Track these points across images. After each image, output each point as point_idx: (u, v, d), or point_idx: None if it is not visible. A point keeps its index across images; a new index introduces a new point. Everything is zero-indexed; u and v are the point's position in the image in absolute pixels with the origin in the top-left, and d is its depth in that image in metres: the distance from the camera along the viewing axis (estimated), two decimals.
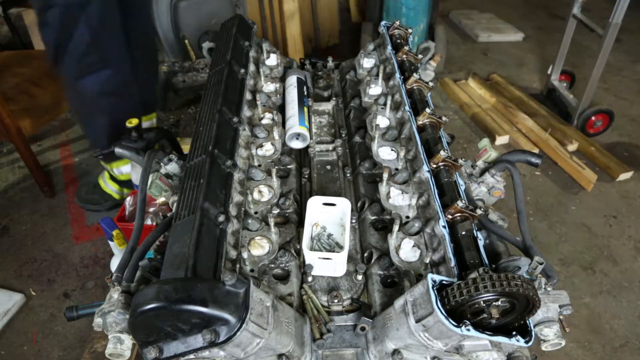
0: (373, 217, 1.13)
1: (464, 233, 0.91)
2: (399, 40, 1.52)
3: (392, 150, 1.25)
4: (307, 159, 1.34)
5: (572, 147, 2.82)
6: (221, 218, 0.93)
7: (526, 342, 0.78)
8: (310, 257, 1.02)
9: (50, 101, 2.50)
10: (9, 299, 2.06)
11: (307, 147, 1.34)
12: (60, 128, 3.22)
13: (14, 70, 2.61)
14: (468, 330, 0.73)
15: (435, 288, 0.77)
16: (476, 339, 0.80)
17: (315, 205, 1.10)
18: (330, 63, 1.74)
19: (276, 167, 1.17)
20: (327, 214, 1.12)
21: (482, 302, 0.74)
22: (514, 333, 0.77)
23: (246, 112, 1.31)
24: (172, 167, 1.19)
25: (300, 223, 1.16)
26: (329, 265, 1.02)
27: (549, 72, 3.22)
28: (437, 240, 0.97)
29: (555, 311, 0.89)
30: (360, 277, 1.01)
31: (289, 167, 1.28)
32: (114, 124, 1.98)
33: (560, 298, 0.88)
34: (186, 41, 2.91)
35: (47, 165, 2.88)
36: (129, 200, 2.09)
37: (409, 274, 0.97)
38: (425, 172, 1.05)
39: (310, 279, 1.01)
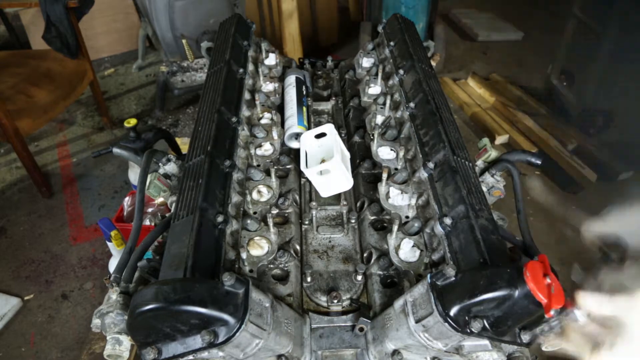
0: (372, 217, 1.13)
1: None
2: None
3: (391, 150, 1.25)
4: None
5: (572, 146, 2.83)
6: (220, 218, 0.93)
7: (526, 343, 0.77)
8: (310, 174, 1.09)
9: (47, 101, 2.50)
10: (5, 303, 2.05)
11: None
12: (58, 128, 3.22)
13: (12, 70, 2.60)
14: (468, 330, 0.73)
15: (434, 288, 0.77)
16: (476, 339, 0.79)
17: (308, 141, 1.17)
18: (330, 62, 1.74)
19: (275, 167, 1.17)
20: (323, 148, 1.19)
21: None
22: None
23: (245, 112, 1.31)
24: (171, 168, 1.19)
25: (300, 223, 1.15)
26: (333, 180, 1.09)
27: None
28: (437, 240, 0.97)
29: (555, 311, 0.88)
30: (359, 278, 1.01)
31: (288, 167, 1.27)
32: None
33: None
34: (184, 41, 2.90)
35: (44, 165, 2.87)
36: (127, 201, 2.09)
37: (409, 274, 0.96)
38: (424, 172, 1.05)
39: (309, 279, 1.01)
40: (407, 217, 1.08)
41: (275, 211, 1.10)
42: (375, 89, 1.45)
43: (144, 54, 3.85)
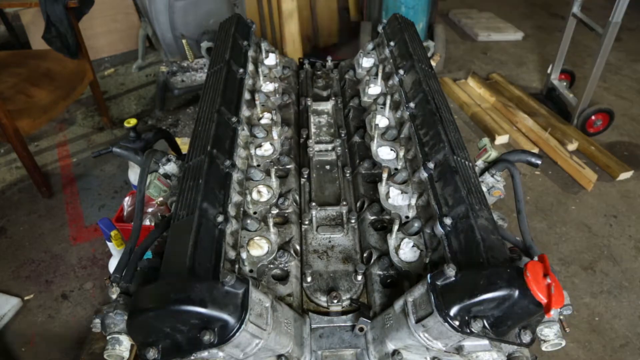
0: (372, 217, 1.13)
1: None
2: None
3: (391, 150, 1.25)
4: (307, 158, 1.33)
5: (572, 146, 2.82)
6: (220, 218, 0.93)
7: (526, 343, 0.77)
8: None
9: (47, 101, 2.50)
10: (5, 303, 2.05)
11: (307, 147, 1.33)
12: (58, 128, 3.22)
13: (12, 70, 2.60)
14: (468, 330, 0.73)
15: (434, 288, 0.77)
16: (476, 339, 0.79)
17: None
18: (329, 62, 1.74)
19: (275, 167, 1.17)
20: None
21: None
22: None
23: (245, 112, 1.31)
24: (171, 168, 1.19)
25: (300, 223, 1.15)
26: None
27: (548, 71, 3.22)
28: (437, 240, 0.97)
29: (555, 311, 0.88)
30: (359, 278, 1.01)
31: (288, 167, 1.27)
32: None
33: None
34: (184, 41, 2.90)
35: (44, 165, 2.87)
36: (127, 201, 2.09)
37: (409, 274, 0.96)
38: (424, 172, 1.05)
39: (309, 279, 1.01)
40: (407, 217, 1.08)
41: (275, 211, 1.10)
42: (375, 89, 1.45)
43: (144, 54, 3.85)
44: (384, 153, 1.24)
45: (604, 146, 2.85)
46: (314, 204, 1.11)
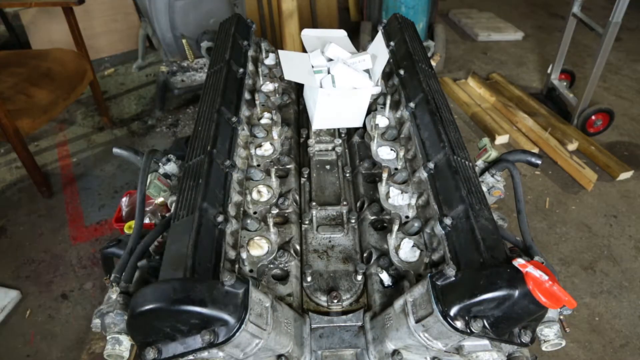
0: (372, 217, 1.13)
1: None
2: None
3: (391, 149, 1.25)
4: (307, 158, 1.33)
5: (572, 146, 2.82)
6: (220, 218, 0.93)
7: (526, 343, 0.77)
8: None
9: (47, 101, 2.50)
10: (4, 296, 2.05)
11: (307, 146, 1.33)
12: (58, 128, 3.21)
13: (11, 70, 2.60)
14: (468, 330, 0.73)
15: (434, 288, 0.77)
16: (476, 339, 0.79)
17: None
18: None
19: (275, 167, 1.17)
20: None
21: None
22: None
23: (245, 112, 1.31)
24: (171, 167, 1.19)
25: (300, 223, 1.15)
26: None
27: (548, 71, 3.22)
28: (437, 240, 0.97)
29: (555, 311, 0.89)
30: (359, 278, 1.01)
31: (288, 166, 1.28)
32: None
33: None
34: (184, 41, 2.90)
35: (44, 165, 2.87)
36: (124, 201, 2.09)
37: (409, 274, 0.96)
38: (424, 172, 1.05)
39: (309, 279, 1.01)
40: (407, 217, 1.08)
41: (275, 211, 1.10)
42: (375, 89, 1.44)
43: (144, 54, 3.84)
44: (384, 153, 1.24)
45: (604, 146, 2.85)
46: (314, 203, 1.11)
